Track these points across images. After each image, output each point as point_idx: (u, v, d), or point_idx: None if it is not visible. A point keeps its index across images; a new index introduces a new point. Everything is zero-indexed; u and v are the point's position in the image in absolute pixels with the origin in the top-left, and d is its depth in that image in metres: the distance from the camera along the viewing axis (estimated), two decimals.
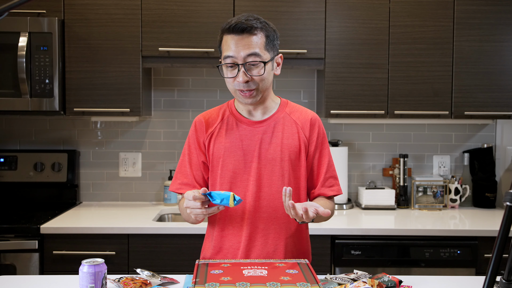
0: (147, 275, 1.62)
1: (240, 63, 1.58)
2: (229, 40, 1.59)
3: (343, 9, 2.77)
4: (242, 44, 1.58)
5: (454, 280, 1.73)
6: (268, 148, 1.68)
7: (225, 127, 1.72)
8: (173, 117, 3.13)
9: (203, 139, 1.73)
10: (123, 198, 3.15)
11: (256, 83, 1.61)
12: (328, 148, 1.76)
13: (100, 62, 2.73)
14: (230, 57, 1.59)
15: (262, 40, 1.60)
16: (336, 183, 1.76)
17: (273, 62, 1.66)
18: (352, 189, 3.19)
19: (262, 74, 1.60)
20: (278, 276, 1.38)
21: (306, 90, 3.15)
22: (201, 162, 1.73)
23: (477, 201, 3.09)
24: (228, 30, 1.59)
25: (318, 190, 1.74)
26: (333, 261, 2.51)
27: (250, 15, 1.62)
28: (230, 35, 1.59)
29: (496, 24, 2.79)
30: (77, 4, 2.72)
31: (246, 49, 1.58)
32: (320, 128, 1.75)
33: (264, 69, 1.60)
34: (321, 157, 1.73)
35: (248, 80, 1.59)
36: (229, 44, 1.59)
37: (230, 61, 1.59)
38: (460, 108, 2.81)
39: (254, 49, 1.58)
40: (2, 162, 2.99)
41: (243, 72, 1.58)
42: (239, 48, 1.58)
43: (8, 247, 2.44)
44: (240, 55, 1.58)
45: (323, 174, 1.73)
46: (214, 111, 1.77)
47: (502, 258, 1.00)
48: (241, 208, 1.68)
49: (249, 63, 1.59)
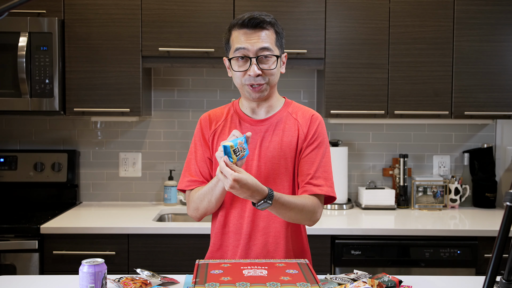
0: (147, 275, 1.62)
1: (252, 56, 1.58)
2: (241, 34, 1.60)
3: (343, 9, 2.77)
4: (255, 37, 1.58)
5: (454, 280, 1.73)
6: (269, 146, 1.68)
7: (228, 125, 1.72)
8: (173, 117, 3.13)
9: (207, 135, 1.73)
10: (123, 198, 3.14)
11: (267, 78, 1.61)
12: (326, 149, 1.69)
13: (100, 62, 2.73)
14: (242, 49, 1.59)
15: (273, 36, 1.62)
16: (326, 184, 1.65)
17: (281, 59, 1.66)
18: (352, 189, 3.18)
19: (274, 68, 1.61)
20: (278, 276, 1.38)
21: (306, 90, 3.15)
22: (206, 158, 1.72)
23: (477, 201, 3.09)
24: (241, 25, 1.60)
25: (303, 187, 1.65)
26: (333, 261, 2.51)
27: (261, 12, 1.63)
28: (243, 30, 1.59)
29: (496, 24, 2.79)
30: (77, 4, 2.72)
31: (259, 43, 1.58)
32: (319, 126, 1.69)
33: (276, 63, 1.61)
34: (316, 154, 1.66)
35: (259, 74, 1.59)
36: (241, 38, 1.59)
37: (241, 54, 1.59)
38: (460, 108, 2.81)
39: (267, 43, 1.59)
40: (2, 162, 2.99)
41: (255, 64, 1.58)
42: (252, 41, 1.58)
43: (8, 247, 2.44)
44: (253, 48, 1.58)
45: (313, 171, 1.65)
46: (219, 110, 1.78)
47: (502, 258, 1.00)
48: (241, 205, 1.68)
49: (261, 57, 1.59)
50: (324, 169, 1.67)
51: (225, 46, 1.68)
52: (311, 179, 1.65)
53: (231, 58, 1.63)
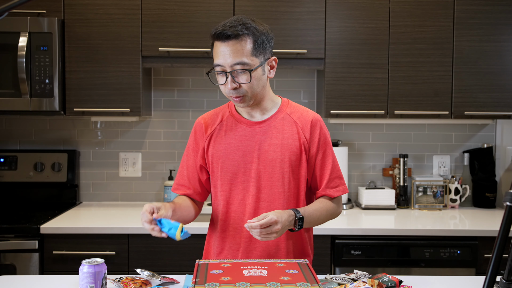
0: (147, 275, 1.62)
1: (228, 71, 1.59)
2: (217, 47, 1.60)
3: (343, 9, 2.77)
4: (229, 51, 1.57)
5: (454, 280, 1.73)
6: (268, 149, 1.67)
7: (224, 128, 1.72)
8: (173, 117, 3.13)
9: (202, 142, 1.74)
10: (123, 198, 3.15)
11: (244, 90, 1.60)
12: (331, 149, 1.75)
13: (100, 62, 2.73)
14: (219, 66, 1.60)
15: (250, 46, 1.58)
16: (341, 183, 1.74)
17: (263, 66, 1.63)
18: (352, 189, 3.18)
19: (249, 81, 1.59)
20: (278, 276, 1.38)
21: (306, 90, 3.15)
22: (197, 166, 1.74)
23: (477, 201, 3.09)
24: (214, 37, 1.61)
25: (323, 191, 1.72)
26: (333, 261, 2.52)
27: (237, 20, 1.60)
28: (218, 42, 1.60)
29: (496, 24, 2.79)
30: (77, 4, 2.72)
31: (232, 57, 1.57)
32: (322, 128, 1.72)
33: (251, 76, 1.59)
34: (325, 158, 1.72)
35: (236, 87, 1.59)
36: (217, 52, 1.60)
37: (219, 69, 1.61)
38: (460, 108, 2.81)
39: (241, 58, 1.57)
40: (2, 162, 2.99)
41: (230, 79, 1.59)
42: (226, 56, 1.58)
43: (8, 247, 2.44)
44: (227, 63, 1.58)
45: (327, 175, 1.71)
46: (214, 112, 1.77)
47: (502, 258, 1.00)
48: (241, 209, 1.68)
49: (237, 71, 1.58)
50: (336, 169, 1.75)
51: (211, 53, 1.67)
52: (328, 182, 1.72)
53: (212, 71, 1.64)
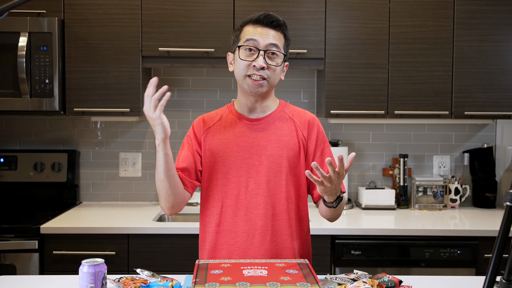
0: (147, 275, 1.62)
1: (261, 49, 1.63)
2: (253, 29, 1.65)
3: (343, 9, 2.77)
4: (267, 33, 1.64)
5: (454, 280, 1.73)
6: (266, 145, 1.69)
7: (223, 124, 1.73)
8: (173, 117, 3.13)
9: (199, 135, 1.73)
10: (123, 198, 3.15)
11: (269, 74, 1.64)
12: (329, 147, 1.76)
13: (100, 62, 2.73)
14: (252, 40, 1.63)
15: (283, 39, 1.69)
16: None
17: (283, 64, 1.70)
18: (352, 189, 3.18)
19: (279, 64, 1.65)
20: (278, 276, 1.38)
21: (306, 90, 3.15)
22: (193, 155, 1.71)
23: (477, 201, 3.09)
24: (255, 21, 1.65)
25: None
26: (333, 261, 2.51)
27: (275, 16, 1.68)
28: (256, 25, 1.65)
29: (496, 24, 2.79)
30: (77, 4, 2.72)
31: (269, 39, 1.63)
32: (319, 128, 1.76)
33: (282, 61, 1.66)
34: (323, 156, 1.73)
35: (264, 67, 1.62)
36: (254, 31, 1.64)
37: (252, 44, 1.63)
38: (460, 108, 2.81)
39: (277, 41, 1.65)
40: (2, 162, 2.99)
41: (262, 56, 1.62)
42: (264, 35, 1.63)
43: (8, 247, 2.44)
44: (263, 42, 1.63)
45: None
46: (214, 112, 1.80)
47: (502, 258, 1.00)
48: (236, 204, 1.67)
49: (270, 51, 1.63)
50: None
51: (234, 40, 1.71)
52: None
53: (240, 46, 1.66)
